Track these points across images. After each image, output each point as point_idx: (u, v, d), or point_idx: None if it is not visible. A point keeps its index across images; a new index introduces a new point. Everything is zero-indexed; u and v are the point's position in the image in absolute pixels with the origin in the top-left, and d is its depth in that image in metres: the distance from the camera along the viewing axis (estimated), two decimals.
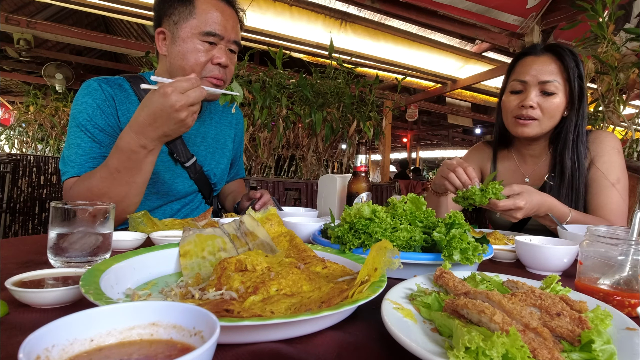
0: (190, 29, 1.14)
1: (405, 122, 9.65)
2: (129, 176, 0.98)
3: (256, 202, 1.27)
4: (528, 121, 1.28)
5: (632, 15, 2.68)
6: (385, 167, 6.26)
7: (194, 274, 0.65)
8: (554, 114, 1.27)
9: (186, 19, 1.14)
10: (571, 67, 1.24)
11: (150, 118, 0.93)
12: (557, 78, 1.25)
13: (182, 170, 1.30)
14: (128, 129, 0.95)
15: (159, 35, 1.20)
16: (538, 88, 1.26)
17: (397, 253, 0.52)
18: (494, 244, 1.02)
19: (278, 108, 3.10)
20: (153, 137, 0.95)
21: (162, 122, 0.94)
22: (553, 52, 1.27)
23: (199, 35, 1.15)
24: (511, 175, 1.45)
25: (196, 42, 1.15)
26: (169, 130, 0.95)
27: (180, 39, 1.15)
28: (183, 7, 1.14)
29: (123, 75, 1.27)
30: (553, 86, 1.24)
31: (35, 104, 5.30)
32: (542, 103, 1.26)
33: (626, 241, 0.61)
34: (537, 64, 1.27)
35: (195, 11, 1.14)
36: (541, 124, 1.28)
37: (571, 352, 0.39)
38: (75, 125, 1.12)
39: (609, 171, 1.25)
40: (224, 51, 1.19)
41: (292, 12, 3.71)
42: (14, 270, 0.63)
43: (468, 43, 4.56)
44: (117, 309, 0.36)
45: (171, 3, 1.16)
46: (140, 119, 0.94)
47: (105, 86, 1.17)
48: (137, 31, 6.83)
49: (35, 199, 3.22)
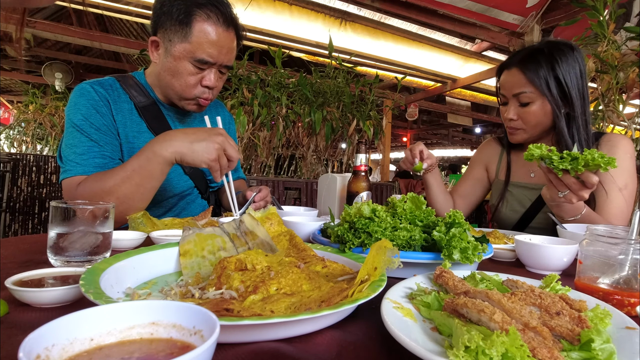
0: (183, 50, 1.14)
1: (405, 121, 9.64)
2: (140, 178, 0.99)
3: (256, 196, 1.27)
4: (514, 130, 1.37)
5: (633, 14, 2.67)
6: (385, 166, 6.26)
7: (194, 273, 0.65)
8: (536, 121, 1.30)
9: (181, 40, 1.13)
10: (542, 74, 1.23)
11: (188, 130, 1.02)
12: (527, 88, 1.26)
13: (176, 165, 1.31)
14: (157, 137, 1.01)
15: (152, 43, 1.20)
16: (515, 100, 1.31)
17: (396, 252, 0.52)
18: (493, 243, 1.02)
19: (278, 107, 3.09)
20: (177, 143, 0.98)
21: (195, 131, 1.01)
22: (520, 63, 1.28)
23: (191, 59, 1.15)
24: (520, 170, 1.47)
25: (187, 64, 1.16)
26: (195, 141, 0.98)
27: (172, 56, 1.15)
28: (180, 27, 1.13)
29: (113, 75, 1.28)
30: (526, 97, 1.28)
31: (35, 103, 5.30)
32: (521, 114, 1.32)
33: (626, 240, 0.61)
34: (508, 77, 1.32)
35: (191, 36, 1.12)
36: (527, 131, 1.35)
37: (571, 351, 0.39)
38: (71, 126, 1.13)
39: (618, 176, 1.24)
40: (215, 74, 1.20)
41: (291, 11, 3.70)
42: (14, 269, 0.63)
43: (468, 42, 4.56)
44: (117, 308, 0.36)
45: (169, 18, 1.14)
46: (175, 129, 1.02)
47: (98, 88, 1.18)
48: (136, 30, 6.81)
49: (35, 198, 3.22)
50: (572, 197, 0.98)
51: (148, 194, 1.03)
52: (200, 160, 0.99)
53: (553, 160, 0.95)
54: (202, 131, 1.02)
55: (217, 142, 1.00)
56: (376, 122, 3.43)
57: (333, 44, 3.24)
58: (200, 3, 1.12)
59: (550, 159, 0.96)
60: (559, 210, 1.10)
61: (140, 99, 1.25)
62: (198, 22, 1.12)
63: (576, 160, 0.92)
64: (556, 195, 1.01)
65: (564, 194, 0.99)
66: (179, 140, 0.99)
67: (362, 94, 3.41)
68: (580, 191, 0.97)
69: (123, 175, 0.99)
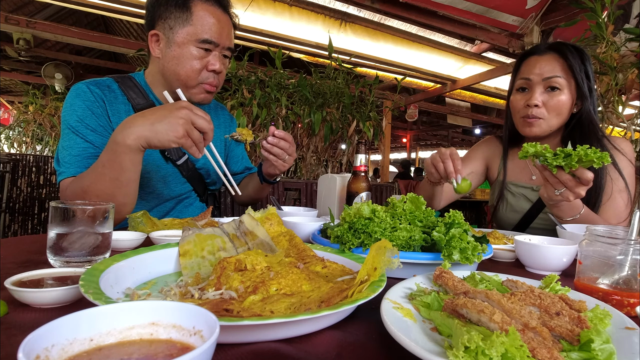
0: (186, 34, 1.15)
1: (404, 122, 9.65)
2: (112, 172, 0.93)
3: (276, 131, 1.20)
4: (534, 120, 1.29)
5: (632, 15, 2.68)
6: (385, 167, 6.26)
7: (194, 274, 0.65)
8: (561, 111, 1.27)
9: (182, 24, 1.14)
10: (576, 63, 1.24)
11: (146, 111, 0.94)
12: (561, 74, 1.25)
13: (174, 169, 1.30)
14: (117, 126, 0.94)
15: (152, 37, 1.19)
16: (543, 85, 1.27)
17: (396, 252, 0.52)
18: (493, 243, 1.02)
19: (277, 108, 3.09)
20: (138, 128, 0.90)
21: (154, 111, 0.92)
22: (556, 50, 1.28)
23: (195, 42, 1.15)
24: (520, 172, 1.45)
25: (192, 48, 1.15)
26: (156, 121, 0.90)
27: (175, 44, 1.15)
28: (180, 12, 1.14)
29: (111, 76, 1.27)
30: (557, 82, 1.25)
31: (35, 103, 5.30)
32: (548, 101, 1.27)
33: (625, 241, 0.61)
34: (540, 62, 1.28)
35: (192, 18, 1.14)
36: (548, 122, 1.29)
37: (570, 351, 0.39)
38: (67, 127, 1.12)
39: (618, 179, 1.25)
40: (219, 57, 1.20)
41: (291, 12, 3.71)
42: (13, 269, 0.63)
43: (468, 43, 4.56)
44: (117, 308, 0.36)
45: (167, 7, 1.15)
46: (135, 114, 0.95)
47: (94, 88, 1.17)
48: (136, 31, 6.82)
49: (35, 199, 3.22)
50: (569, 194, 0.98)
51: (127, 188, 0.97)
52: (168, 140, 0.90)
53: (547, 158, 0.95)
54: (162, 109, 0.93)
55: (180, 117, 0.91)
56: (376, 123, 3.43)
57: (333, 45, 3.24)
58: None
59: (544, 156, 0.95)
60: (557, 210, 1.09)
61: (139, 101, 1.24)
62: (196, 4, 1.15)
63: (570, 156, 0.92)
64: (553, 193, 1.00)
65: (560, 192, 0.99)
66: (138, 125, 0.90)
67: (362, 94, 3.41)
68: (576, 188, 0.96)
69: (96, 172, 0.95)
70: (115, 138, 0.91)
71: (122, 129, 0.91)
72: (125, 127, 0.91)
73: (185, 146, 0.94)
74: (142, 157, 0.96)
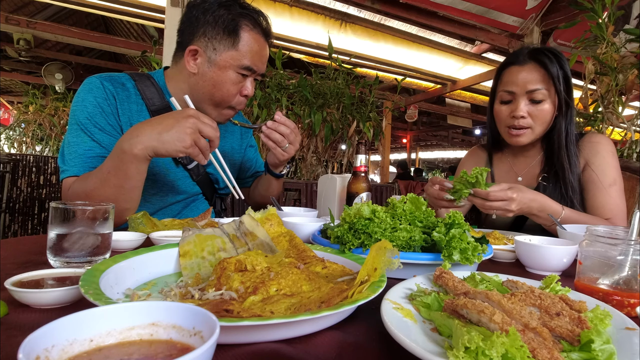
0: (229, 58, 1.14)
1: (405, 122, 9.65)
2: (116, 179, 0.93)
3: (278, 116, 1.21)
4: (521, 131, 1.31)
5: (632, 16, 2.68)
6: (385, 167, 6.26)
7: (194, 274, 0.65)
8: (545, 120, 1.29)
9: (227, 48, 1.14)
10: (555, 72, 1.25)
11: (153, 119, 0.93)
12: (542, 85, 1.26)
13: (184, 172, 1.29)
14: (125, 134, 0.94)
15: (190, 52, 1.16)
16: (526, 97, 1.29)
17: (396, 253, 0.52)
18: (493, 243, 1.02)
19: (278, 108, 3.09)
20: (145, 138, 0.90)
21: (162, 120, 0.92)
22: (536, 60, 1.28)
23: (237, 67, 1.15)
24: (505, 176, 1.47)
25: (231, 72, 1.16)
26: (164, 131, 0.90)
27: (216, 66, 1.15)
28: (226, 36, 1.14)
29: (129, 72, 1.24)
30: (541, 94, 1.26)
31: (35, 103, 5.30)
32: (532, 111, 1.29)
33: (625, 241, 0.61)
34: (522, 73, 1.29)
35: (239, 43, 1.15)
36: (534, 131, 1.31)
37: (571, 351, 0.39)
38: (75, 123, 1.10)
39: (605, 173, 1.26)
40: (252, 83, 1.21)
41: (292, 12, 3.71)
42: (13, 270, 0.63)
43: (468, 44, 4.57)
44: (117, 309, 0.36)
45: (215, 27, 1.13)
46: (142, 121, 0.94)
47: (107, 84, 1.15)
48: (137, 31, 6.83)
49: (35, 199, 3.22)
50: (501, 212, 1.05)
51: (130, 194, 0.98)
52: (175, 150, 0.91)
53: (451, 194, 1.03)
54: (169, 117, 0.93)
55: (188, 127, 0.91)
56: (376, 123, 3.43)
57: (333, 46, 3.24)
58: (247, 14, 1.16)
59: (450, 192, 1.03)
60: (536, 219, 1.15)
61: (155, 101, 1.21)
62: (245, 31, 1.15)
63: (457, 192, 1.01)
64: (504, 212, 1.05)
65: (495, 213, 1.06)
66: (146, 134, 0.90)
67: (362, 95, 3.42)
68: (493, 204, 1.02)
69: (100, 177, 0.95)
70: (122, 146, 0.91)
71: (129, 137, 0.91)
72: (132, 135, 0.91)
73: (192, 155, 0.94)
74: (147, 166, 0.97)
